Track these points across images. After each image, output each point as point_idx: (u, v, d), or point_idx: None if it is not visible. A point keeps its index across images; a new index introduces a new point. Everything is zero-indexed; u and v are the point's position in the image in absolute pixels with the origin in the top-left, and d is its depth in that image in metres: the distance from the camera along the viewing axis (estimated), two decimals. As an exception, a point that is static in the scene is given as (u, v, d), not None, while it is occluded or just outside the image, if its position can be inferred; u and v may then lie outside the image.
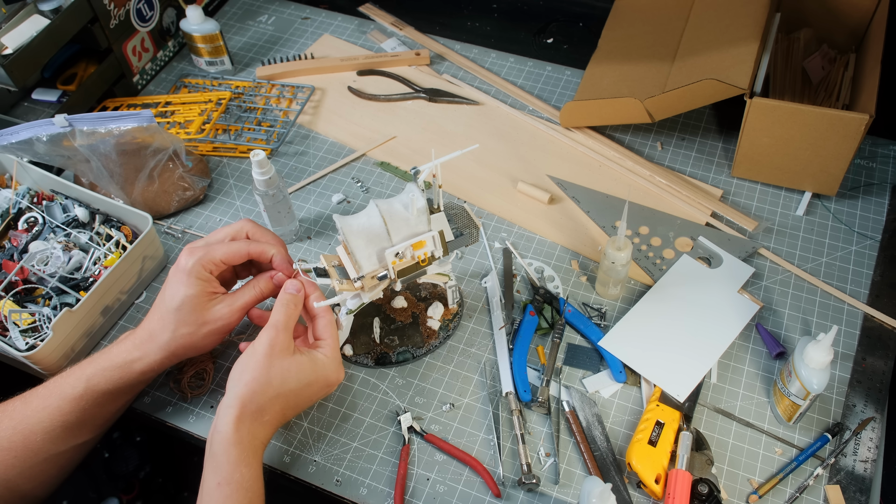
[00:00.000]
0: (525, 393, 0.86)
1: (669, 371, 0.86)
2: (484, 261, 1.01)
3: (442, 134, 1.16)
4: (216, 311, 0.80)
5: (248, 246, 0.83)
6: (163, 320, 0.79)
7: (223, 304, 0.81)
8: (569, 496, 0.80)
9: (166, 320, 0.79)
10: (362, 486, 0.82)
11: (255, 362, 0.75)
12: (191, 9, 1.19)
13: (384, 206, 0.81)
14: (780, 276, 0.97)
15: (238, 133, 1.17)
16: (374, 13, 1.36)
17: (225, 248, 0.82)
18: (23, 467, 0.75)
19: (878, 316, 0.92)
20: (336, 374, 0.80)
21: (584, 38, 1.31)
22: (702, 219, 1.02)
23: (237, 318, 0.82)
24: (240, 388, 0.74)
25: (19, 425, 0.75)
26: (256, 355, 0.75)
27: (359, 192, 1.09)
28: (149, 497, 0.98)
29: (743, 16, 1.03)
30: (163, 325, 0.79)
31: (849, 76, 1.09)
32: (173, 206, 1.06)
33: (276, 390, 0.74)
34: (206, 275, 0.80)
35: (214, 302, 0.81)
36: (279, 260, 0.83)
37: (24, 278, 0.91)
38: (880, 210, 1.03)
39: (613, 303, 0.95)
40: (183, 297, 0.79)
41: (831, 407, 0.85)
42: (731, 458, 0.82)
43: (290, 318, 0.79)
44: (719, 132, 1.14)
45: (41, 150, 0.95)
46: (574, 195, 1.06)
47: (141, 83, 1.25)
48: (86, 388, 0.77)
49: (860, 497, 0.79)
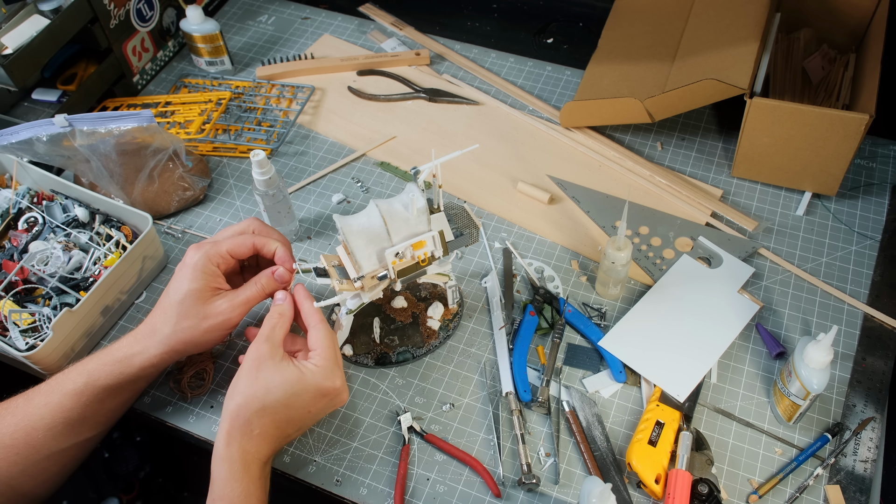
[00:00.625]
0: (525, 393, 0.86)
1: (669, 371, 0.86)
2: (484, 261, 1.01)
3: (442, 134, 1.16)
4: (217, 306, 0.81)
5: (252, 238, 0.84)
6: (165, 314, 0.80)
7: (224, 299, 0.81)
8: (569, 496, 0.80)
9: (168, 314, 0.80)
10: (362, 486, 0.82)
11: (240, 376, 0.75)
12: (191, 9, 1.19)
13: (384, 206, 0.81)
14: (780, 276, 0.97)
15: (238, 133, 1.17)
16: (374, 13, 1.36)
17: (230, 241, 0.83)
18: (25, 464, 0.76)
19: (878, 316, 0.92)
20: (328, 381, 0.75)
21: (584, 38, 1.31)
22: (702, 219, 1.02)
23: (238, 315, 0.82)
24: (228, 403, 0.74)
25: (21, 422, 0.76)
26: (242, 369, 0.75)
27: (359, 192, 1.09)
28: (149, 497, 0.98)
29: (743, 16, 1.03)
30: (165, 319, 0.80)
31: (849, 76, 1.09)
32: (173, 206, 1.06)
33: (261, 402, 0.73)
34: (212, 268, 0.82)
35: (216, 297, 0.81)
36: (281, 254, 0.84)
37: (24, 278, 0.91)
38: (880, 210, 1.03)
39: (613, 303, 0.95)
40: (186, 291, 0.80)
41: (831, 407, 0.85)
42: (731, 458, 0.82)
43: (275, 329, 0.78)
44: (719, 132, 1.14)
45: (41, 150, 0.95)
46: (574, 195, 1.06)
47: (141, 83, 1.25)
48: (86, 382, 0.77)
49: (860, 497, 0.79)
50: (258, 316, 0.96)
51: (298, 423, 0.76)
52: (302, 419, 0.76)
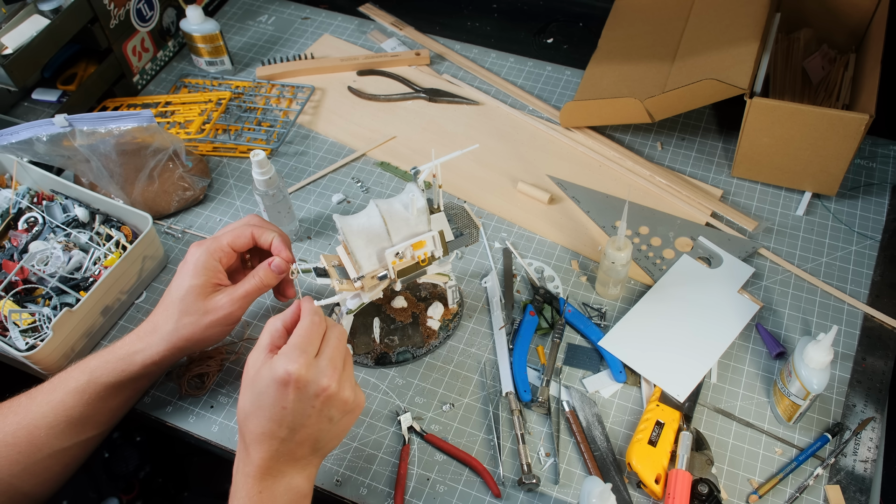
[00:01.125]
0: (525, 393, 0.86)
1: (669, 371, 0.86)
2: (484, 261, 1.01)
3: (442, 134, 1.16)
4: (217, 300, 0.81)
5: (251, 228, 0.85)
6: (167, 311, 0.81)
7: (224, 293, 0.82)
8: (569, 496, 0.80)
9: (170, 311, 0.81)
10: (362, 486, 0.82)
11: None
12: (191, 9, 1.19)
13: (384, 206, 0.81)
14: (780, 276, 0.97)
15: (238, 133, 1.17)
16: (374, 13, 1.36)
17: (230, 233, 0.85)
18: (27, 463, 0.76)
19: (878, 316, 0.92)
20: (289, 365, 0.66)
21: (584, 38, 1.31)
22: (702, 219, 1.02)
23: (239, 308, 0.82)
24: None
25: (24, 420, 0.76)
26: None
27: (359, 192, 1.09)
28: (149, 497, 0.98)
29: (743, 16, 1.03)
30: (167, 316, 0.81)
31: (849, 76, 1.09)
32: (173, 206, 1.06)
33: (243, 410, 0.70)
34: (213, 264, 0.82)
35: (217, 293, 0.82)
36: (277, 244, 0.85)
37: (24, 278, 0.91)
38: (880, 210, 1.03)
39: (613, 303, 0.95)
40: (188, 287, 0.81)
41: (831, 407, 0.85)
42: (731, 458, 0.82)
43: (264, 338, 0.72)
44: (719, 132, 1.14)
45: (41, 150, 0.95)
46: (574, 195, 1.06)
47: (141, 83, 1.25)
48: (89, 380, 0.78)
49: (860, 497, 0.79)
50: (257, 315, 0.96)
51: (285, 424, 0.67)
52: (282, 418, 0.67)
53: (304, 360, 0.67)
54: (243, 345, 0.93)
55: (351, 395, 0.70)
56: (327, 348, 0.70)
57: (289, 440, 0.68)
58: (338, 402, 0.69)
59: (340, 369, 0.70)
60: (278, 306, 0.97)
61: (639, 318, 0.92)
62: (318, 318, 0.71)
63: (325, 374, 0.68)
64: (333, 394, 0.68)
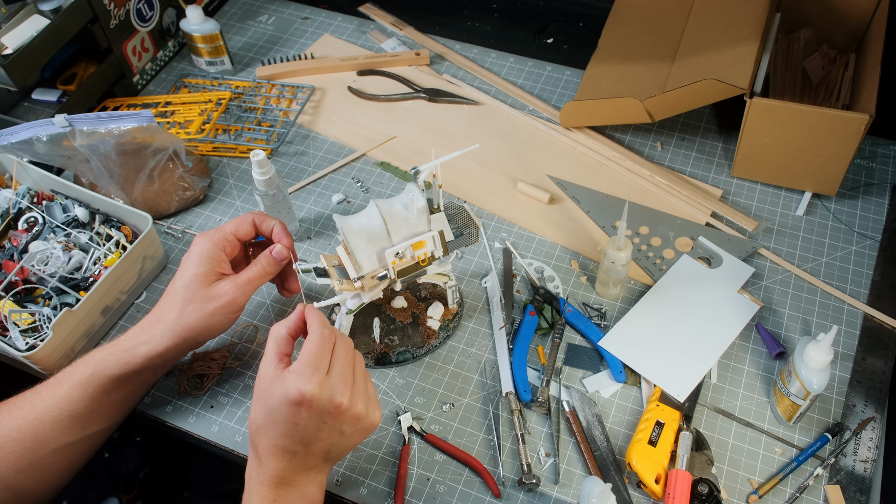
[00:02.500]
0: (525, 393, 0.86)
1: (669, 371, 0.86)
2: (484, 261, 1.01)
3: (442, 134, 1.16)
4: (220, 287, 0.82)
5: (252, 216, 0.87)
6: (171, 300, 0.82)
7: (227, 280, 0.83)
8: (569, 496, 0.80)
9: (175, 300, 0.82)
10: (362, 486, 0.82)
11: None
12: (191, 9, 1.19)
13: (384, 206, 0.81)
14: (780, 276, 0.97)
15: (238, 133, 1.17)
16: (374, 13, 1.36)
17: (233, 222, 0.87)
18: (32, 458, 0.76)
19: (878, 316, 0.92)
20: (301, 384, 0.67)
21: (584, 38, 1.31)
22: (702, 219, 1.02)
23: (242, 295, 0.83)
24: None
25: (28, 415, 0.76)
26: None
27: (359, 192, 1.09)
28: (149, 497, 0.98)
29: (743, 16, 1.03)
30: (171, 305, 0.82)
31: (849, 76, 1.09)
32: (173, 206, 1.06)
33: (255, 422, 0.70)
34: (217, 253, 0.84)
35: (220, 280, 0.83)
36: (278, 231, 0.87)
37: (24, 278, 0.91)
38: (880, 210, 1.03)
39: (613, 303, 0.95)
40: (192, 275, 0.82)
41: (831, 407, 0.85)
42: (731, 458, 0.82)
43: (270, 347, 0.72)
44: (719, 132, 1.14)
45: (41, 150, 0.95)
46: (574, 195, 1.06)
47: (141, 83, 1.25)
48: (93, 373, 0.78)
49: (860, 497, 0.79)
50: (257, 316, 0.96)
51: (297, 439, 0.68)
52: (295, 434, 0.68)
53: (318, 379, 0.67)
54: (242, 346, 0.93)
55: (363, 410, 0.71)
56: (337, 363, 0.70)
57: (302, 453, 0.69)
58: (349, 417, 0.70)
59: (352, 383, 0.70)
60: (278, 306, 0.97)
61: (639, 318, 0.92)
62: (328, 331, 0.71)
63: (338, 391, 0.68)
64: (346, 409, 0.69)
